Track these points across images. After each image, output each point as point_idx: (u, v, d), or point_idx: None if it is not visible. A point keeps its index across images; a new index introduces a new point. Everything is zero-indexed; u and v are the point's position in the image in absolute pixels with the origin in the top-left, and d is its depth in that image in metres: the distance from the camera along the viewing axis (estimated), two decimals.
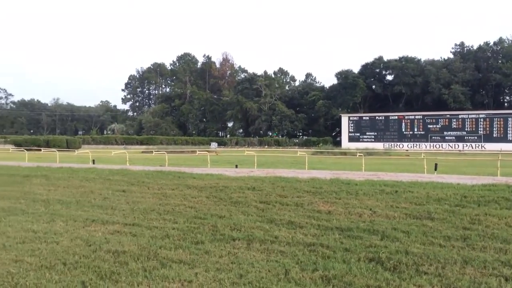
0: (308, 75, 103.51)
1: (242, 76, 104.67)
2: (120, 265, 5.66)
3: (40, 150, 38.23)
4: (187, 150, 52.63)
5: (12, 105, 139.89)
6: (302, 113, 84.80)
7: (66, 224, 7.83)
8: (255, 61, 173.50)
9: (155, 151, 35.28)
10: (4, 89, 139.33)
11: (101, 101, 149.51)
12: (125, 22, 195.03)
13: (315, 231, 6.96)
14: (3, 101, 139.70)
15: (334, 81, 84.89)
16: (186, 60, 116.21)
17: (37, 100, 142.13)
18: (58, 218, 8.22)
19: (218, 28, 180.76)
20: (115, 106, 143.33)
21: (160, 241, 6.70)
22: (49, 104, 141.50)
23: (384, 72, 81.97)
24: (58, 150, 30.41)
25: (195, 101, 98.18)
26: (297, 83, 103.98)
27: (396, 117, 64.27)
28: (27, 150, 33.72)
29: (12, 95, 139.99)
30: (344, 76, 78.60)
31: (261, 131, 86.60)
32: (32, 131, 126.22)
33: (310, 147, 61.14)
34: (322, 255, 5.86)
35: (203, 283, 4.97)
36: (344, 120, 67.57)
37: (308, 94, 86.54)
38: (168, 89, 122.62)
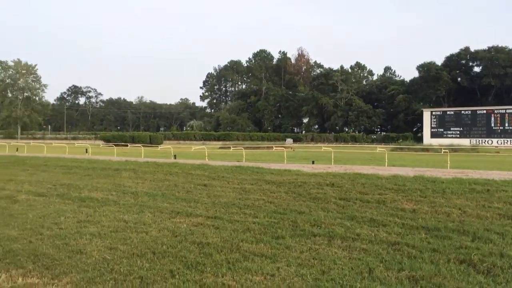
0: (386, 69, 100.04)
1: (318, 71, 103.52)
2: (204, 256, 5.87)
3: (127, 145, 40.60)
4: (263, 146, 53.20)
5: (101, 103, 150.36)
6: (380, 108, 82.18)
7: (153, 215, 8.27)
8: (331, 56, 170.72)
9: (232, 147, 36.08)
10: (95, 89, 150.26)
11: (181, 99, 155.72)
12: (203, 23, 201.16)
13: (399, 229, 6.72)
14: (93, 100, 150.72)
15: (415, 74, 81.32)
16: (261, 56, 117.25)
17: (124, 99, 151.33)
18: (146, 210, 8.70)
19: (294, 23, 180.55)
20: (193, 103, 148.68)
21: (242, 234, 6.85)
22: (134, 102, 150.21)
23: (470, 63, 76.78)
24: (143, 146, 32.17)
25: (270, 97, 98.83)
26: (375, 77, 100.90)
27: (485, 111, 59.92)
28: (116, 145, 36.08)
29: (102, 94, 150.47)
30: (426, 68, 74.80)
31: (337, 127, 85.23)
32: (119, 127, 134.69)
33: (389, 144, 59.06)
34: (407, 254, 5.65)
35: (286, 278, 5.01)
36: (426, 115, 64.31)
37: (387, 88, 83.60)
38: (244, 86, 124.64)
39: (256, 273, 5.19)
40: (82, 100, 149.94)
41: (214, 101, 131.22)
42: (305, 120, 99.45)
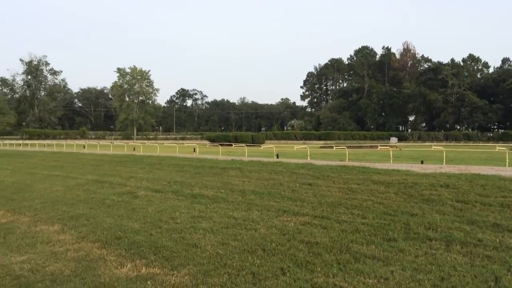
0: (505, 60, 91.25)
1: (425, 66, 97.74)
2: (314, 255, 5.84)
3: (231, 145, 42.06)
4: (365, 145, 51.70)
5: (207, 105, 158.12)
6: (497, 103, 75.14)
7: (261, 213, 8.44)
8: (440, 49, 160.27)
9: (335, 146, 35.58)
10: (201, 92, 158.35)
11: (282, 99, 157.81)
12: (303, 23, 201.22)
13: None
14: (199, 102, 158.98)
15: None
16: (363, 53, 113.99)
17: (227, 100, 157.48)
18: (254, 207, 8.91)
19: (397, 17, 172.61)
20: (294, 103, 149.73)
21: (351, 235, 6.69)
22: (236, 103, 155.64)
23: None
24: (246, 145, 33.09)
25: (373, 95, 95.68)
26: (491, 70, 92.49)
27: None
28: (221, 145, 37.63)
29: (207, 97, 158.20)
30: None
31: (447, 125, 79.73)
32: (222, 128, 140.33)
33: (508, 142, 53.79)
34: None
35: (401, 282, 4.79)
36: None
37: (505, 81, 76.12)
38: (345, 84, 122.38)
39: (369, 275, 5.03)
40: (189, 102, 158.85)
41: (315, 100, 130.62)
42: (411, 118, 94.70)
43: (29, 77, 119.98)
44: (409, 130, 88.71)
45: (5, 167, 19.83)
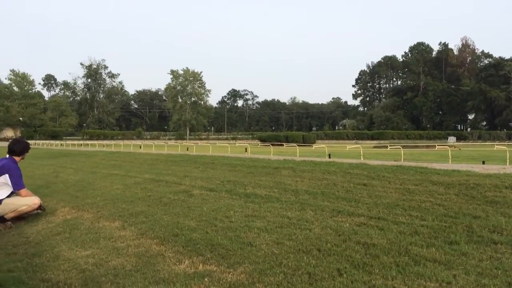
0: None
1: (486, 62, 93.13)
2: (371, 257, 5.72)
3: (282, 145, 42.12)
4: (421, 144, 50.05)
5: (257, 105, 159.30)
6: None
7: (315, 213, 8.37)
8: (502, 43, 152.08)
9: (389, 146, 34.71)
10: (251, 92, 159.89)
11: (333, 98, 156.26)
12: (354, 21, 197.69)
13: None
14: (250, 102, 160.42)
15: None
16: (419, 50, 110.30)
17: (277, 100, 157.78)
18: (307, 207, 8.85)
19: (454, 11, 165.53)
20: (346, 102, 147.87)
21: (409, 237, 6.49)
22: (287, 103, 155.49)
23: None
24: (297, 145, 32.99)
25: (429, 93, 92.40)
26: None
27: None
28: (272, 145, 37.73)
29: (257, 97, 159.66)
30: None
31: (510, 123, 75.50)
32: (273, 127, 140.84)
33: None
34: None
35: (464, 287, 4.58)
36: None
37: None
38: (399, 82, 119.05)
39: (430, 279, 4.85)
40: (240, 103, 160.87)
41: (367, 99, 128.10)
42: (471, 117, 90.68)
43: (89, 80, 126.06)
44: (469, 129, 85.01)
45: (68, 166, 20.93)
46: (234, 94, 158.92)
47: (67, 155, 30.83)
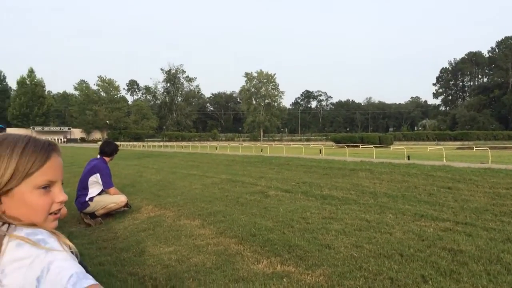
0: None
1: None
2: (459, 264, 5.38)
3: (358, 146, 41.20)
4: (511, 146, 46.42)
5: (331, 106, 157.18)
6: None
7: (395, 216, 8.06)
8: None
9: (475, 147, 32.63)
10: (325, 92, 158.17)
11: (411, 97, 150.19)
12: (433, 17, 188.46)
13: None
14: (324, 103, 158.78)
15: None
16: (507, 44, 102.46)
17: (352, 101, 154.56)
18: (387, 210, 8.56)
19: None
20: (425, 101, 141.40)
21: (501, 244, 6.03)
22: (362, 104, 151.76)
23: None
24: (374, 146, 32.06)
25: None
26: None
27: None
28: (347, 146, 37.01)
29: (331, 97, 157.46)
30: None
31: None
32: (348, 129, 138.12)
33: None
34: None
35: None
36: None
37: None
38: (485, 79, 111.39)
39: None
40: (313, 104, 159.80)
41: (449, 97, 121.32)
42: None
43: (168, 84, 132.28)
44: None
45: (150, 166, 22.02)
46: (308, 95, 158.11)
47: (149, 156, 32.48)
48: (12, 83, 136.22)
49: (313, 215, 8.46)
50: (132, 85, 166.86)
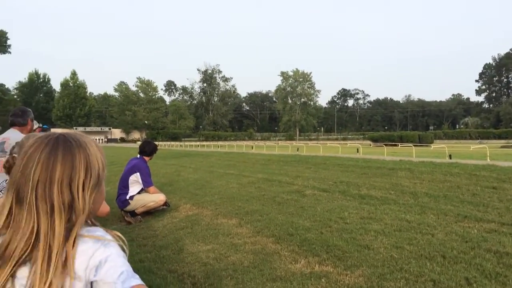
0: None
1: None
2: (505, 267, 5.18)
3: (396, 145, 40.33)
4: None
5: (368, 104, 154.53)
6: None
7: (437, 217, 7.84)
8: None
9: None
10: (362, 91, 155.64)
11: (453, 95, 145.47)
12: (473, 10, 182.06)
13: None
14: (361, 102, 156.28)
15: None
16: None
17: (390, 99, 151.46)
18: (428, 211, 8.34)
19: None
20: (467, 98, 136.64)
21: None
22: (401, 101, 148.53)
23: None
24: (413, 145, 31.30)
25: None
26: None
27: None
28: (385, 145, 36.27)
29: (369, 96, 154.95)
30: None
31: None
32: (386, 127, 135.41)
33: None
34: None
35: None
36: None
37: None
38: None
39: None
40: (350, 102, 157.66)
41: (493, 94, 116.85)
42: None
43: (205, 84, 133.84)
44: None
45: (188, 165, 22.35)
46: (344, 94, 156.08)
47: (187, 156, 32.97)
48: (56, 85, 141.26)
49: (351, 215, 8.35)
50: (170, 86, 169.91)
